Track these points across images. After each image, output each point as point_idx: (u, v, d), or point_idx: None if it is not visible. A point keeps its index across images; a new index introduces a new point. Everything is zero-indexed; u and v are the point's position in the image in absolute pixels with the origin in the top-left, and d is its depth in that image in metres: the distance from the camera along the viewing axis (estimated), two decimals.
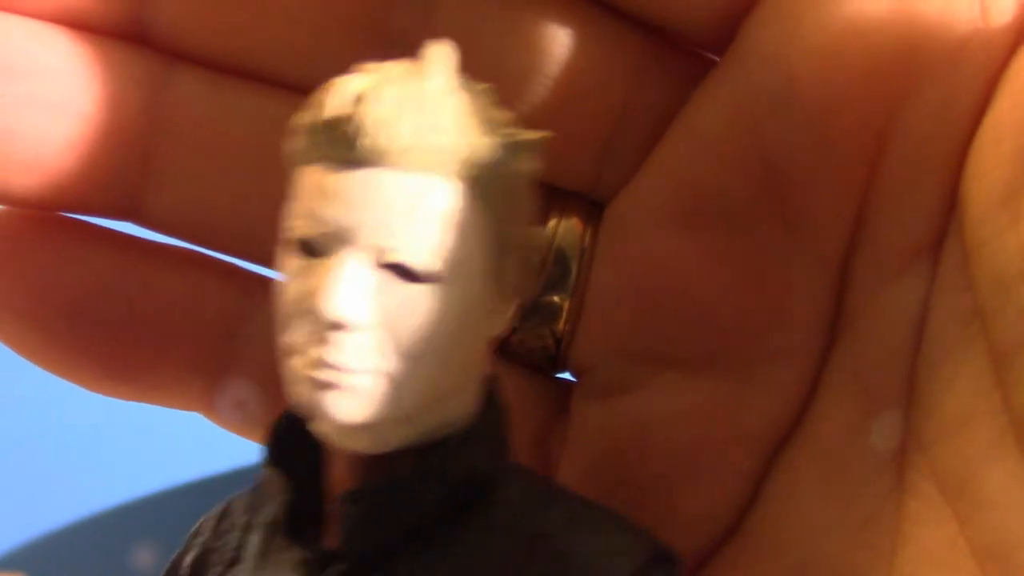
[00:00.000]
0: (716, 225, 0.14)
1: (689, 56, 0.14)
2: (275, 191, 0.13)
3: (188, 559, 0.15)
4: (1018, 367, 0.11)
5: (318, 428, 0.12)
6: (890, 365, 0.13)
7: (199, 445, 0.59)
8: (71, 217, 0.15)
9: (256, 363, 0.15)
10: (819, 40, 0.13)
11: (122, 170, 0.14)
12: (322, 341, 0.11)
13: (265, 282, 0.16)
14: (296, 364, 0.12)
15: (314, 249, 0.12)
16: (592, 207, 0.15)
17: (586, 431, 0.15)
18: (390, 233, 0.11)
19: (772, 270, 0.14)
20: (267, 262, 0.15)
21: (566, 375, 0.16)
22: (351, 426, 0.12)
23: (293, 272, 0.12)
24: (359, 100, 0.12)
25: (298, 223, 0.12)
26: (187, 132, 0.14)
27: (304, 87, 0.13)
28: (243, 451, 0.59)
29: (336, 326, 0.11)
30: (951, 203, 0.12)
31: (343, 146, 0.12)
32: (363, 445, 0.12)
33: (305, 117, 0.12)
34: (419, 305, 0.12)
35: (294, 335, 0.12)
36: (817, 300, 0.14)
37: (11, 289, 0.15)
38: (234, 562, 0.14)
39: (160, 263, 0.15)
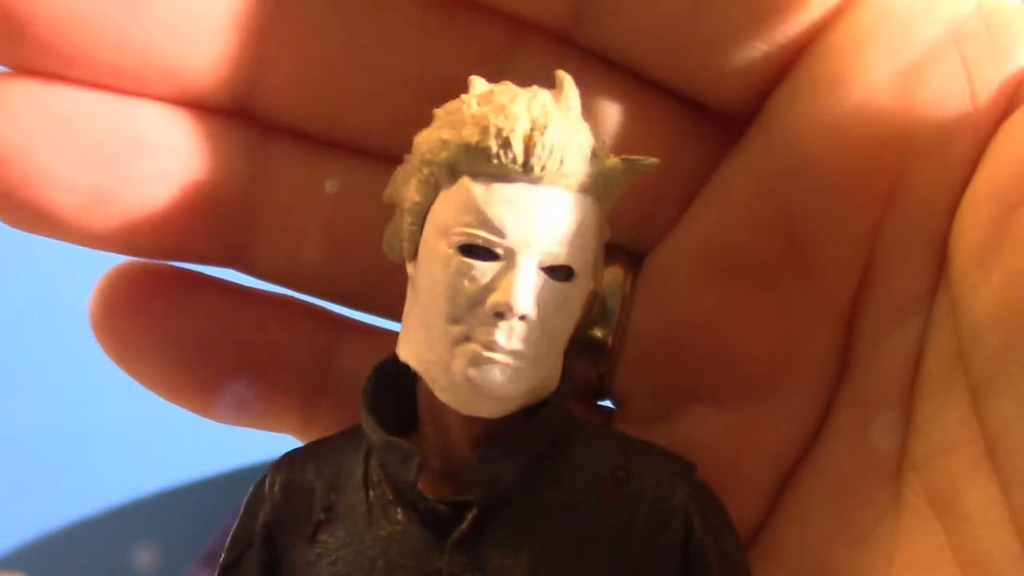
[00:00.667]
0: (740, 278, 0.16)
1: (722, 125, 0.17)
2: (361, 245, 0.16)
3: (258, 524, 0.16)
4: (989, 401, 0.14)
5: (455, 397, 0.15)
6: (890, 397, 0.15)
7: (199, 445, 0.59)
8: (187, 268, 0.17)
9: (345, 392, 0.17)
10: (832, 120, 0.15)
11: (229, 227, 0.16)
12: (495, 328, 0.14)
13: (348, 322, 0.18)
14: (466, 345, 0.14)
15: (483, 252, 0.14)
16: (632, 258, 0.17)
17: None
18: (559, 242, 0.14)
19: (789, 317, 0.16)
20: (354, 304, 0.18)
21: (607, 403, 0.18)
22: (501, 396, 0.14)
23: (462, 270, 0.14)
24: (534, 127, 0.14)
25: (468, 230, 0.14)
26: (284, 196, 0.16)
27: (384, 154, 0.16)
28: (243, 451, 0.59)
29: (521, 318, 0.14)
30: (942, 259, 0.15)
31: (515, 165, 0.14)
32: (494, 411, 0.15)
33: (465, 135, 0.14)
34: (564, 300, 0.14)
35: (464, 321, 0.14)
36: (828, 342, 0.16)
37: (143, 333, 0.17)
38: (327, 521, 0.15)
39: (262, 307, 0.17)
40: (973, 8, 0.15)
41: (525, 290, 0.14)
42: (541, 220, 0.14)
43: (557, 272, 0.14)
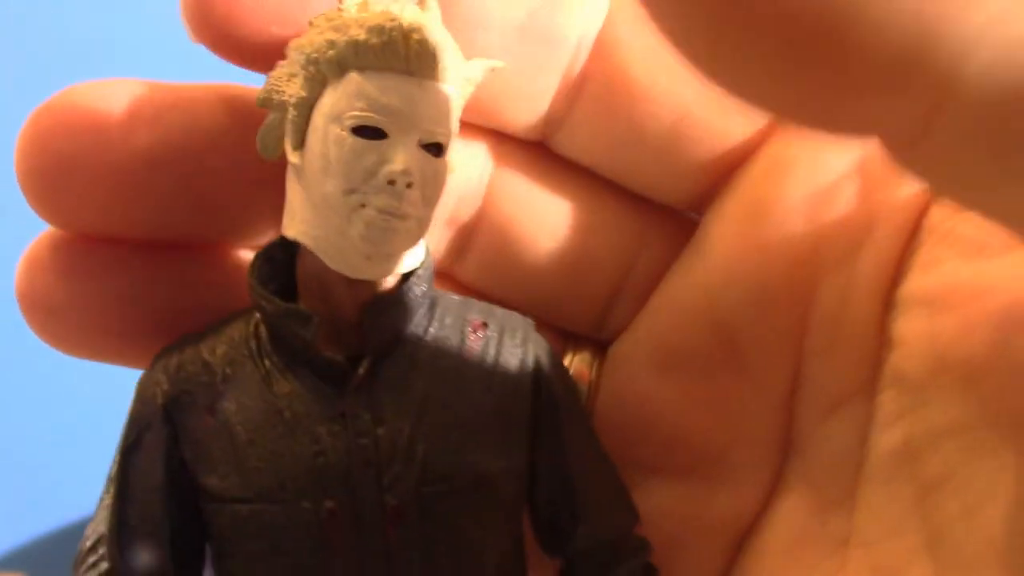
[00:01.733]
0: (687, 372, 0.18)
1: (676, 225, 0.19)
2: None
3: (156, 404, 0.18)
4: (937, 498, 0.15)
5: (347, 263, 0.17)
6: (836, 478, 0.17)
7: None
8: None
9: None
10: (755, 241, 0.18)
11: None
12: (387, 194, 0.16)
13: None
14: (363, 211, 0.16)
15: (372, 132, 0.16)
16: (598, 345, 0.20)
17: None
18: (433, 123, 0.17)
19: (730, 406, 0.18)
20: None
21: None
22: (389, 256, 0.17)
23: (356, 148, 0.16)
24: (412, 29, 0.16)
25: (361, 114, 0.16)
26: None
27: None
28: None
29: (408, 184, 0.16)
30: (873, 366, 0.17)
31: (399, 60, 0.16)
32: (381, 273, 0.17)
33: (352, 34, 0.16)
34: (436, 172, 0.17)
35: (359, 191, 0.16)
36: (768, 428, 0.18)
37: (66, 302, 0.19)
38: (225, 392, 0.17)
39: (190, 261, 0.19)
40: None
41: (411, 161, 0.16)
42: (420, 105, 0.16)
43: (432, 148, 0.17)
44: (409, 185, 0.16)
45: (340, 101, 0.16)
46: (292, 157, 0.17)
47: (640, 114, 0.18)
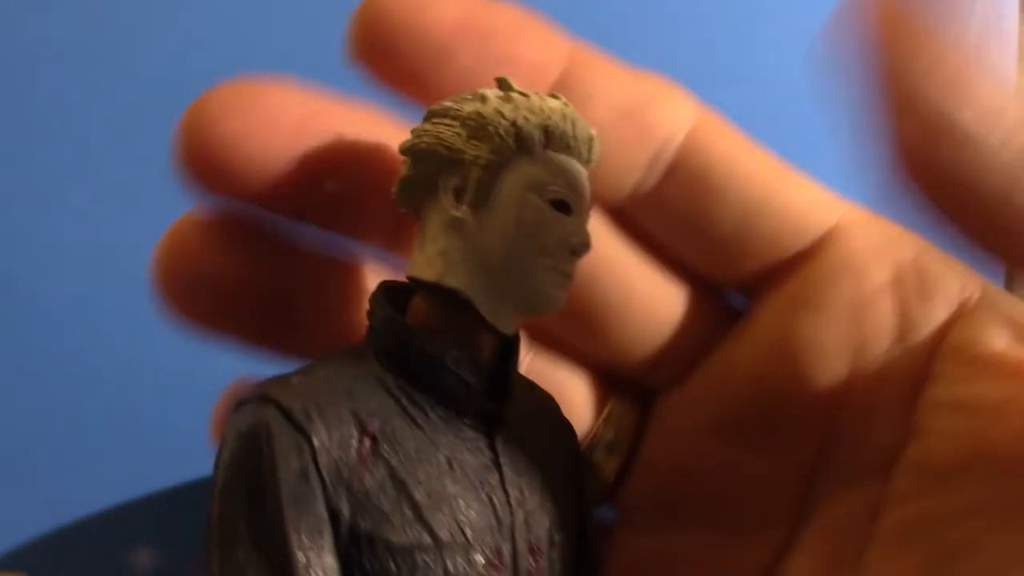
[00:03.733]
0: (730, 435, 0.21)
1: (725, 303, 0.23)
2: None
3: (313, 469, 0.17)
4: (952, 567, 0.18)
5: (501, 315, 0.19)
6: (847, 542, 0.20)
7: (199, 445, 0.59)
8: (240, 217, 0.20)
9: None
10: (800, 332, 0.21)
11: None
12: (571, 262, 0.19)
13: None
14: (551, 271, 0.19)
15: (563, 206, 0.19)
16: (643, 390, 0.23)
17: (622, 550, 0.22)
18: (589, 203, 0.20)
19: (760, 470, 0.21)
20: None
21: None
22: (545, 312, 0.19)
23: (552, 218, 0.19)
24: (586, 123, 0.19)
25: (561, 190, 0.19)
26: None
27: None
28: None
29: (584, 254, 0.19)
30: (894, 452, 0.20)
31: (580, 147, 0.19)
32: (517, 328, 0.19)
33: (538, 121, 0.19)
34: None
35: (552, 256, 0.19)
36: (789, 493, 0.21)
37: (203, 282, 0.20)
38: (378, 448, 0.17)
39: (324, 269, 0.21)
40: (910, 260, 0.20)
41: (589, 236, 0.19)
42: (586, 187, 0.19)
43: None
44: (584, 254, 0.19)
45: (541, 174, 0.19)
46: (457, 212, 0.18)
47: (713, 206, 0.21)
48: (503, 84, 0.19)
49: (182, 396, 0.58)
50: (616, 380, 0.23)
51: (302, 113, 0.18)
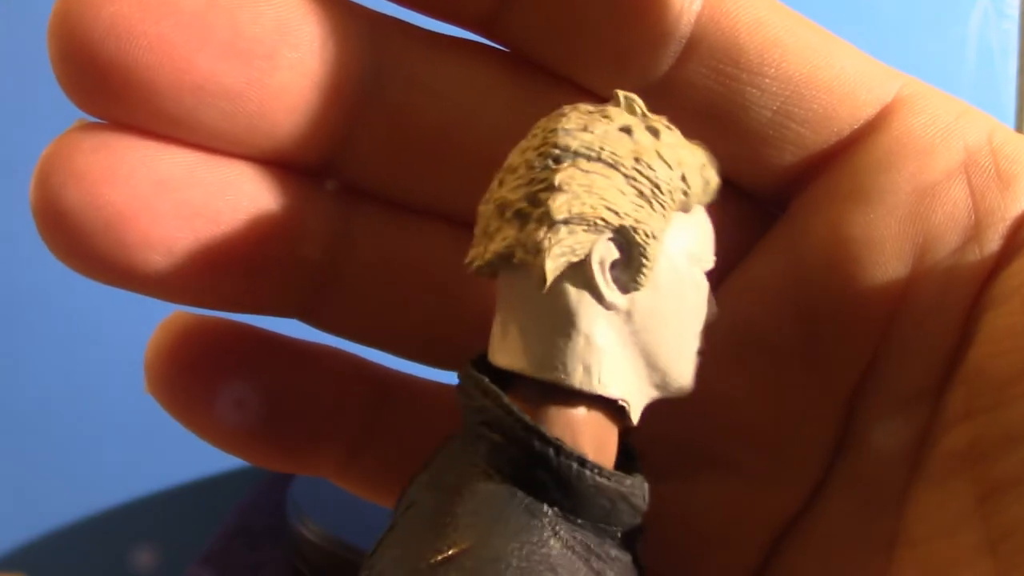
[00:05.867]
0: (759, 357, 0.18)
1: (756, 211, 0.19)
2: (433, 305, 0.17)
3: None
4: (1002, 501, 0.15)
5: (638, 413, 0.15)
6: (888, 478, 0.17)
7: (199, 445, 0.59)
8: (239, 321, 0.17)
9: (389, 440, 0.18)
10: (853, 231, 0.17)
11: (306, 284, 0.17)
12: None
13: (393, 374, 0.19)
14: (696, 358, 0.15)
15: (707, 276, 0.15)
16: None
17: None
18: None
19: (795, 398, 0.18)
20: (412, 357, 0.18)
21: None
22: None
23: (703, 286, 0.15)
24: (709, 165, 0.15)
25: (713, 258, 0.15)
26: (362, 256, 0.17)
27: (459, 220, 0.17)
28: None
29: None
30: (950, 364, 0.17)
31: (712, 198, 0.15)
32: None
33: (697, 169, 0.15)
34: None
35: (701, 338, 0.15)
36: (827, 424, 0.18)
37: (199, 388, 0.17)
38: None
39: (314, 360, 0.18)
40: (984, 139, 0.17)
41: None
42: None
43: None
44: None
45: (699, 241, 0.15)
46: (616, 297, 0.14)
47: (747, 88, 0.17)
48: (632, 106, 0.15)
49: None
50: None
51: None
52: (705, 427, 0.18)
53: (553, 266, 0.13)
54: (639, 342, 0.14)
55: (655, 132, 0.14)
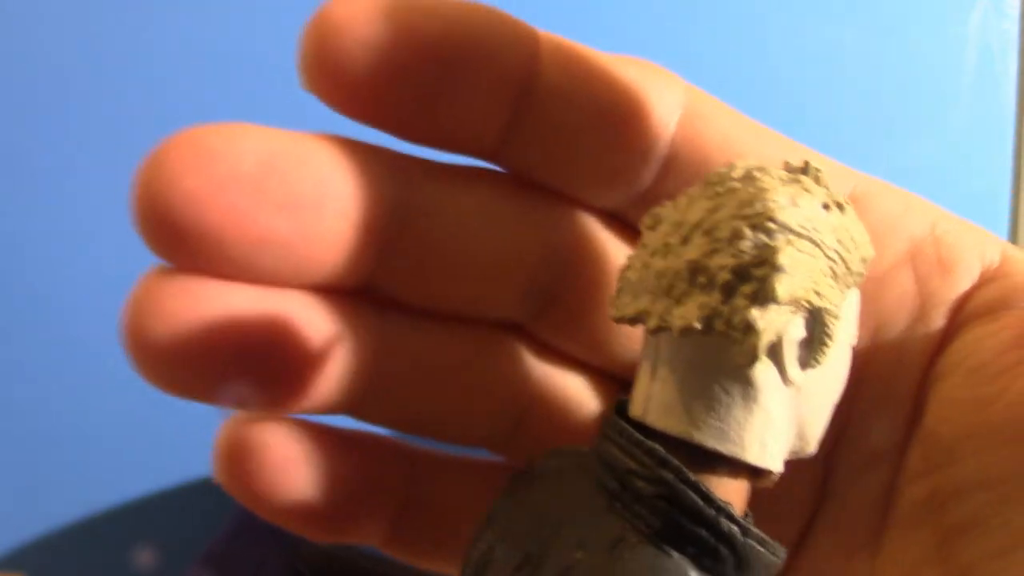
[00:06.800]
0: None
1: None
2: (456, 395, 0.20)
3: None
4: (959, 542, 0.17)
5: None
6: (863, 524, 0.19)
7: (199, 445, 0.59)
8: (300, 420, 0.20)
9: (425, 512, 0.21)
10: None
11: (350, 389, 0.19)
12: None
13: (423, 452, 0.21)
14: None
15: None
16: None
17: None
18: None
19: None
20: (446, 439, 0.21)
21: None
22: None
23: (849, 361, 0.15)
24: None
25: (856, 331, 0.16)
26: (398, 362, 0.20)
27: (480, 320, 0.20)
28: None
29: None
30: (908, 426, 0.19)
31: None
32: None
33: (867, 247, 0.15)
34: None
35: (837, 401, 0.16)
36: (809, 480, 0.20)
37: (264, 481, 0.19)
38: None
39: (357, 446, 0.20)
40: (927, 230, 0.19)
41: None
42: None
43: None
44: None
45: (855, 316, 0.15)
46: (801, 378, 0.14)
47: None
48: (820, 177, 0.14)
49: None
50: (620, 380, 0.22)
51: (265, 155, 0.17)
52: None
53: (764, 346, 0.13)
54: (799, 414, 0.14)
55: (842, 208, 0.14)
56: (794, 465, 0.19)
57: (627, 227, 0.21)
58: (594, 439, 0.15)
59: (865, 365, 0.19)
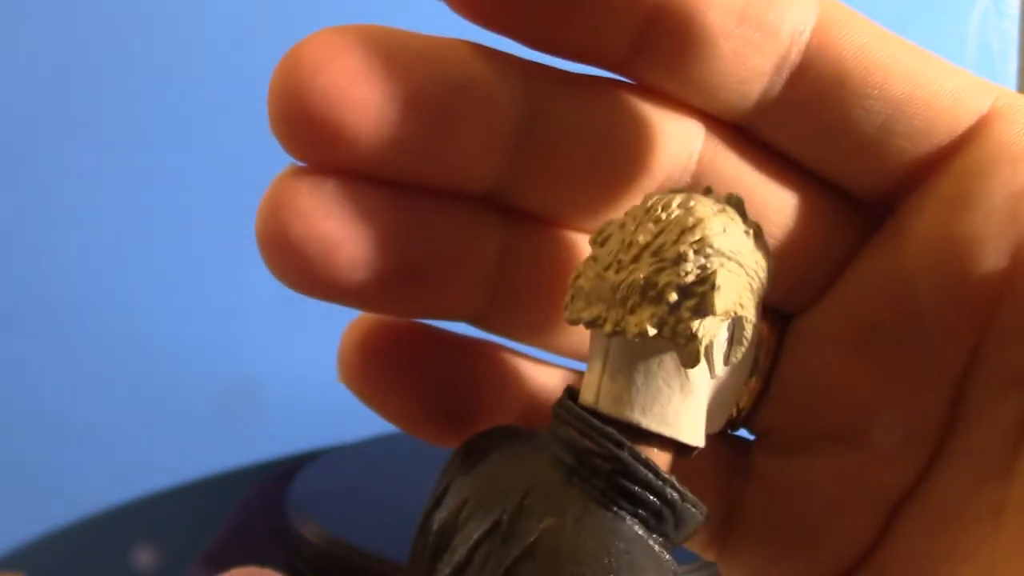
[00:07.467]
0: (872, 346, 0.20)
1: (864, 217, 0.21)
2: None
3: None
4: None
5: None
6: (996, 451, 0.19)
7: (199, 445, 0.59)
8: (422, 323, 0.20)
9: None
10: (957, 231, 0.19)
11: (478, 296, 0.20)
12: None
13: (530, 359, 0.22)
14: None
15: None
16: (777, 316, 0.22)
17: (763, 476, 0.22)
18: None
19: (908, 380, 0.20)
20: (558, 351, 0.21)
21: (740, 433, 0.23)
22: None
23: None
24: None
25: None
26: (524, 268, 0.20)
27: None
28: (244, 451, 0.59)
29: None
30: None
31: None
32: None
33: (770, 269, 0.18)
34: None
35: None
36: (938, 403, 0.20)
37: (391, 381, 0.20)
38: None
39: (477, 353, 0.21)
40: None
41: None
42: None
43: None
44: None
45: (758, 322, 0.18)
46: (723, 372, 0.17)
47: (852, 108, 0.19)
48: (741, 208, 0.18)
49: (183, 397, 0.58)
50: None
51: (398, 54, 0.17)
52: (827, 409, 0.21)
53: (703, 350, 0.16)
54: (717, 402, 0.18)
55: (757, 234, 0.17)
56: (919, 390, 0.20)
57: (753, 141, 0.20)
58: (549, 422, 0.18)
59: (1005, 286, 0.19)
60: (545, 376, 0.22)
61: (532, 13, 0.18)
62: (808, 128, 0.20)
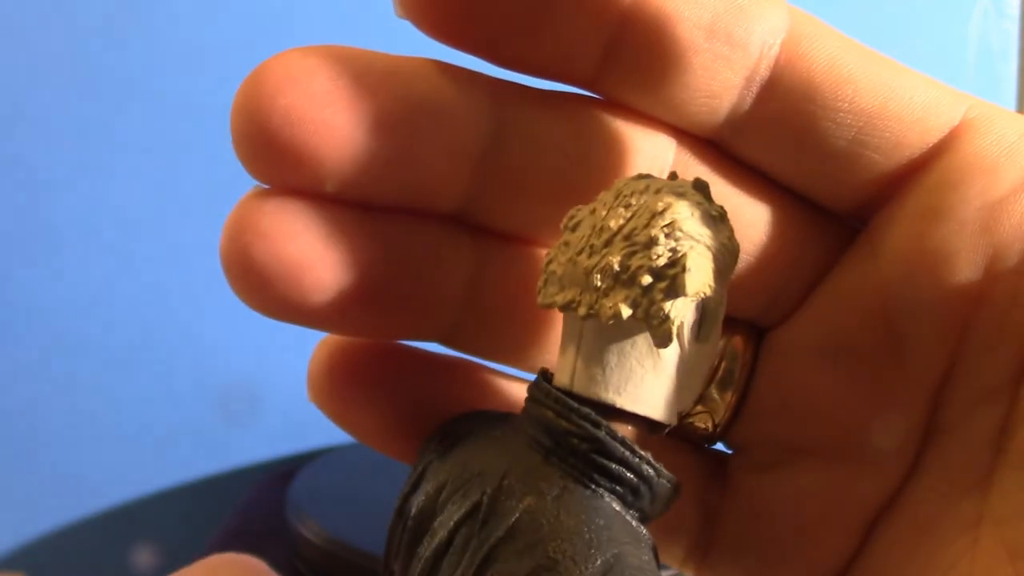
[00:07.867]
0: (847, 360, 0.20)
1: (838, 231, 0.21)
2: (544, 320, 0.20)
3: None
4: None
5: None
6: (974, 463, 0.19)
7: (199, 445, 0.59)
8: (393, 343, 0.20)
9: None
10: (930, 244, 0.19)
11: (448, 316, 0.20)
12: None
13: (499, 374, 0.22)
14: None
15: None
16: (752, 330, 0.22)
17: (740, 491, 0.22)
18: None
19: (884, 394, 0.20)
20: (526, 367, 0.21)
21: (717, 447, 0.23)
22: None
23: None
24: None
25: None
26: (493, 289, 0.20)
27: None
28: (243, 451, 0.59)
29: None
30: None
31: None
32: None
33: (736, 252, 0.18)
34: None
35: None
36: (915, 415, 0.20)
37: (359, 400, 0.20)
38: None
39: (448, 370, 0.21)
40: None
41: None
42: None
43: None
44: None
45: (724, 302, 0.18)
46: (693, 348, 0.17)
47: (823, 122, 0.19)
48: (706, 191, 0.18)
49: (184, 397, 0.58)
50: (725, 321, 0.21)
51: (362, 74, 0.17)
52: (803, 423, 0.20)
53: (675, 331, 0.17)
54: (688, 380, 0.18)
55: (723, 217, 0.17)
56: (895, 402, 0.20)
57: (724, 155, 0.20)
58: (525, 403, 0.18)
59: (979, 297, 0.19)
60: (519, 392, 0.22)
61: (498, 30, 0.17)
62: (779, 142, 0.19)
